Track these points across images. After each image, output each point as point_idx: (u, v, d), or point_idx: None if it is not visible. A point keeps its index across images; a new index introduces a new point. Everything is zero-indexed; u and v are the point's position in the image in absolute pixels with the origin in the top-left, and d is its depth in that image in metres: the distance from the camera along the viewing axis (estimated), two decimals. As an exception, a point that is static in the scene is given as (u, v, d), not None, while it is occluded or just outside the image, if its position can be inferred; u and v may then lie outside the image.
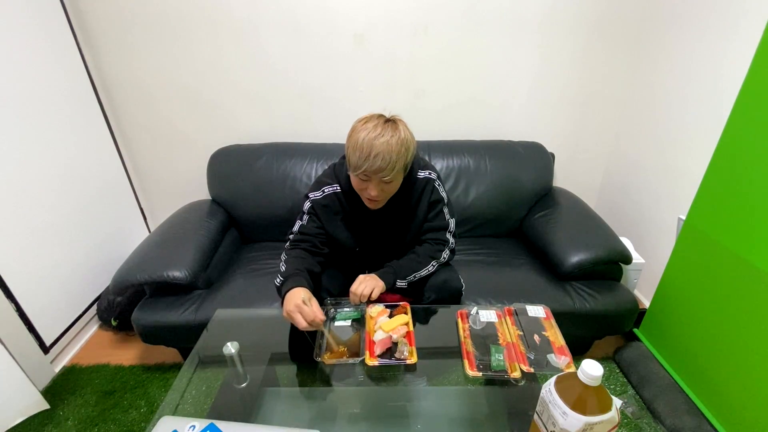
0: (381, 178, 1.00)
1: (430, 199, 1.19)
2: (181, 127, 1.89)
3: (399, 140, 0.98)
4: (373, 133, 0.97)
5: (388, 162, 0.96)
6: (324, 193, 1.16)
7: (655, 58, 1.71)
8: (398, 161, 0.98)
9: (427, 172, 1.18)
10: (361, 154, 0.96)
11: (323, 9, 1.66)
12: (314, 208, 1.17)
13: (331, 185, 1.16)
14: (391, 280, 1.15)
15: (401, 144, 0.99)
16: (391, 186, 1.05)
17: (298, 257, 1.13)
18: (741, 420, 1.17)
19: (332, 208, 1.17)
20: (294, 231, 1.19)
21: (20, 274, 1.39)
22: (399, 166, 0.99)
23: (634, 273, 1.62)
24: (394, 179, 1.02)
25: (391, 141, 0.97)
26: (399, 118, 1.05)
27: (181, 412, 0.92)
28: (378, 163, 0.96)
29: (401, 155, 0.99)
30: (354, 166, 1.00)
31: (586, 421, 0.62)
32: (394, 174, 1.00)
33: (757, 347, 1.11)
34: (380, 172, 0.98)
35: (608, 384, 1.47)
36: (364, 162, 0.96)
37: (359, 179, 1.03)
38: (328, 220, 1.18)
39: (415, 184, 1.17)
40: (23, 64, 1.41)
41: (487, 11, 1.68)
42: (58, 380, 1.53)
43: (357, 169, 0.99)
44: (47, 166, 1.51)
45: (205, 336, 1.13)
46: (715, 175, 1.27)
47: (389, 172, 0.98)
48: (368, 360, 0.96)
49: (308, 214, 1.18)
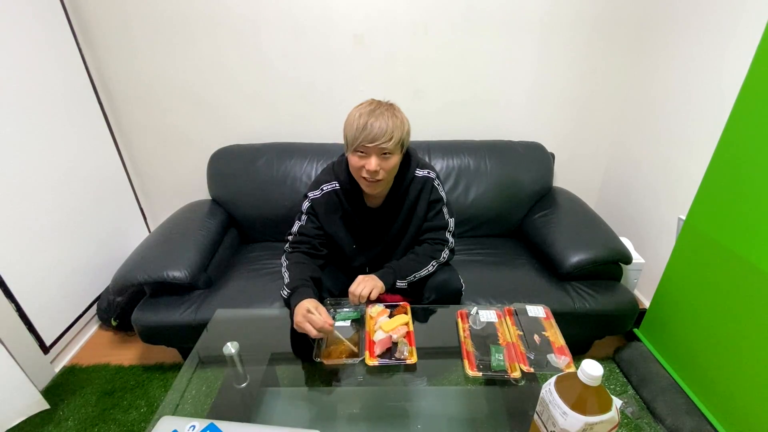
0: (379, 148, 0.99)
1: (430, 198, 1.19)
2: (181, 127, 1.89)
3: (394, 114, 1.01)
4: (368, 108, 1.01)
5: (384, 131, 0.97)
6: (323, 191, 1.16)
7: (655, 58, 1.71)
8: (395, 131, 0.99)
9: (426, 171, 1.18)
10: (358, 125, 0.98)
11: (323, 9, 1.66)
12: (313, 207, 1.17)
13: (330, 183, 1.16)
14: (391, 281, 1.15)
15: (396, 118, 1.01)
16: (389, 162, 1.04)
17: (299, 263, 1.13)
18: (741, 420, 1.17)
19: (331, 206, 1.17)
20: (293, 232, 1.19)
21: (20, 274, 1.39)
22: (396, 136, 1.00)
23: (634, 273, 1.62)
24: (391, 152, 1.02)
25: (386, 113, 1.00)
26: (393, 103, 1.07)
27: (181, 412, 0.92)
28: (375, 131, 0.97)
29: (398, 127, 1.00)
30: (351, 141, 1.01)
31: (586, 421, 0.62)
32: (392, 145, 1.00)
33: (757, 347, 1.11)
34: (378, 140, 0.98)
35: (608, 384, 1.47)
36: (361, 133, 0.98)
37: (357, 157, 1.02)
38: (326, 219, 1.18)
39: (413, 181, 1.17)
40: (23, 64, 1.41)
41: (487, 11, 1.68)
42: (58, 380, 1.53)
43: (354, 142, 0.99)
44: (47, 166, 1.51)
45: (205, 336, 1.13)
46: (715, 175, 1.27)
47: (387, 139, 0.98)
48: (368, 360, 0.96)
49: (307, 215, 1.18)
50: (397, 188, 1.15)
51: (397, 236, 1.22)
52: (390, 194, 1.17)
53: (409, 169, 1.15)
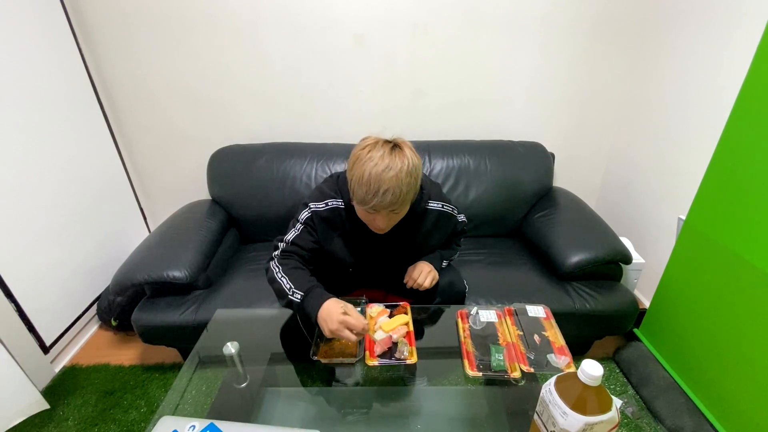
0: (390, 211, 0.96)
1: (449, 231, 1.22)
2: (181, 127, 1.89)
3: (407, 171, 0.91)
4: (380, 165, 0.89)
5: (398, 196, 0.91)
6: (327, 206, 1.09)
7: (655, 58, 1.71)
8: (408, 193, 0.93)
9: (440, 204, 1.14)
10: (369, 190, 0.89)
11: (323, 9, 1.66)
12: (313, 219, 1.09)
13: (335, 199, 1.09)
14: (439, 266, 1.21)
15: (409, 174, 0.92)
16: (398, 217, 1.01)
17: (298, 268, 1.06)
18: (741, 420, 1.17)
19: (333, 223, 1.10)
20: (286, 240, 1.10)
21: (20, 274, 1.39)
22: (409, 197, 0.95)
23: (634, 273, 1.62)
24: (403, 210, 0.99)
25: (400, 174, 0.90)
26: (402, 140, 0.97)
27: (181, 412, 0.92)
28: (388, 199, 0.90)
29: (411, 186, 0.93)
30: (360, 200, 0.93)
31: (586, 421, 0.62)
32: (404, 206, 0.97)
33: (757, 347, 1.11)
34: (389, 207, 0.93)
35: (608, 384, 1.47)
36: (373, 198, 0.90)
37: (365, 212, 0.98)
38: (325, 234, 1.11)
39: (426, 213, 1.12)
40: (23, 64, 1.41)
41: (488, 11, 1.68)
42: (58, 380, 1.53)
43: (364, 204, 0.93)
44: (47, 166, 1.51)
45: (205, 336, 1.13)
46: (715, 175, 1.27)
47: (399, 206, 0.94)
48: (368, 360, 0.96)
49: (305, 225, 1.10)
50: (405, 218, 1.07)
51: (402, 259, 1.19)
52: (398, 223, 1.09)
53: (420, 202, 1.09)
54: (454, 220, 1.22)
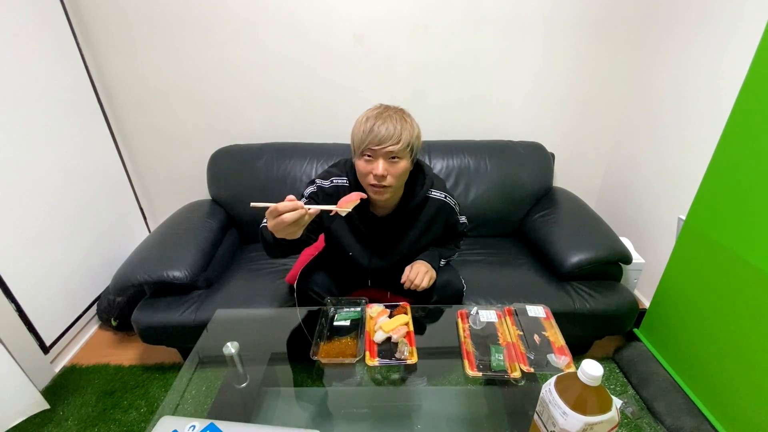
0: (387, 151, 0.96)
1: (448, 222, 1.21)
2: (181, 127, 1.89)
3: (403, 118, 0.99)
4: (375, 111, 0.99)
5: (392, 132, 0.95)
6: (332, 182, 1.13)
7: (655, 58, 1.71)
8: (403, 133, 0.97)
9: (442, 194, 1.17)
10: (365, 128, 0.96)
11: (323, 9, 1.66)
12: (317, 194, 1.12)
13: (340, 177, 1.13)
14: (437, 264, 1.21)
15: (406, 122, 0.99)
16: (397, 167, 1.00)
17: None
18: (741, 420, 1.17)
19: (336, 199, 1.10)
20: None
21: (20, 274, 1.39)
22: (404, 139, 0.97)
23: (634, 273, 1.62)
24: (400, 156, 0.99)
25: (395, 116, 0.98)
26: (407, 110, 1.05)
27: (181, 412, 0.92)
28: (382, 132, 0.95)
29: (406, 129, 0.98)
30: (358, 144, 0.99)
31: (586, 421, 0.62)
32: (400, 148, 0.97)
33: (757, 347, 1.11)
34: (385, 142, 0.95)
35: (608, 384, 1.47)
36: (368, 135, 0.95)
37: (364, 161, 1.00)
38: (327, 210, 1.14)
39: (428, 201, 1.14)
40: (23, 63, 1.41)
41: (488, 11, 1.68)
42: (58, 380, 1.53)
43: (361, 145, 0.97)
44: (47, 166, 1.51)
45: (205, 336, 1.13)
46: (715, 175, 1.27)
47: (395, 142, 0.96)
48: (368, 360, 0.96)
49: (309, 199, 1.13)
50: (407, 201, 1.12)
51: (405, 247, 1.20)
52: (400, 206, 1.13)
53: (423, 186, 1.12)
54: (455, 216, 1.23)
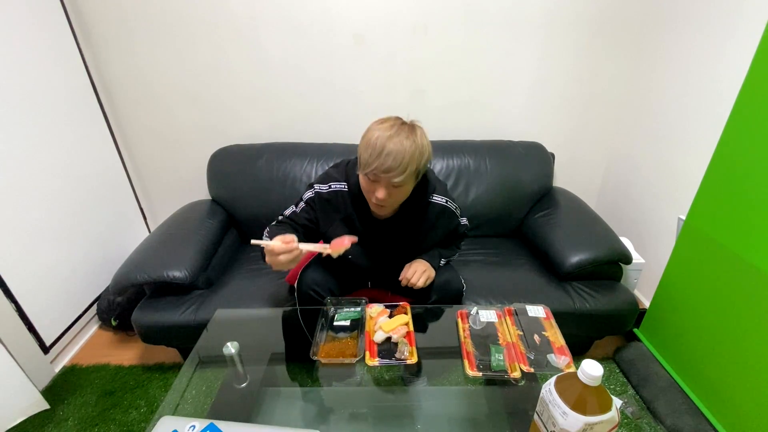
0: (390, 180, 0.95)
1: (450, 226, 1.21)
2: (181, 127, 1.89)
3: (414, 143, 0.95)
4: (388, 132, 0.95)
5: (399, 162, 0.93)
6: (330, 187, 1.12)
7: (655, 58, 1.71)
8: (410, 164, 0.94)
9: (444, 199, 1.16)
10: (373, 152, 0.93)
11: (323, 9, 1.66)
12: (315, 200, 1.13)
13: (339, 182, 1.13)
14: (437, 264, 1.21)
15: (416, 147, 0.95)
16: (400, 191, 1.01)
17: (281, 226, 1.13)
18: (741, 420, 1.17)
19: (334, 205, 1.13)
20: (284, 214, 1.17)
21: (20, 274, 1.39)
22: (411, 169, 0.95)
23: (634, 273, 1.62)
24: (404, 183, 0.98)
25: (406, 143, 0.94)
26: (419, 124, 1.02)
27: (181, 412, 0.92)
28: (389, 162, 0.92)
29: (414, 158, 0.95)
30: (364, 164, 0.96)
31: (586, 421, 0.62)
32: (405, 177, 0.96)
33: (757, 347, 1.11)
34: (390, 172, 0.93)
35: (608, 384, 1.47)
36: (375, 160, 0.93)
37: (368, 180, 0.99)
38: (325, 216, 1.14)
39: (430, 206, 1.14)
40: (23, 63, 1.41)
41: (488, 11, 1.68)
42: (58, 380, 1.53)
43: (366, 167, 0.95)
44: (47, 166, 1.51)
45: (205, 336, 1.13)
46: (715, 175, 1.27)
47: (399, 173, 0.94)
48: (368, 360, 0.96)
49: (306, 204, 1.14)
50: (409, 206, 1.11)
51: (405, 251, 1.20)
52: (401, 210, 1.13)
53: (426, 193, 1.12)
54: (456, 220, 1.23)
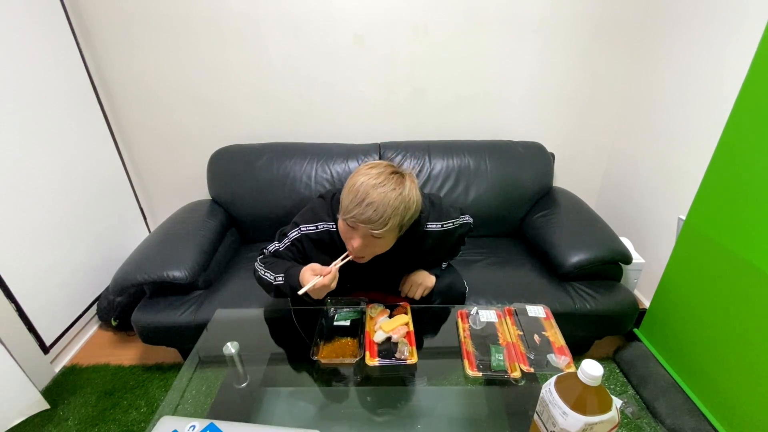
0: (369, 230, 0.88)
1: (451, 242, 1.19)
2: (182, 127, 1.89)
3: (399, 195, 0.88)
4: (374, 180, 0.87)
5: (380, 215, 0.86)
6: (318, 228, 1.07)
7: (655, 58, 1.71)
8: (392, 218, 0.87)
9: (439, 225, 1.09)
10: (354, 198, 0.87)
11: (323, 8, 1.66)
12: (302, 241, 1.08)
13: (326, 222, 1.07)
14: (438, 271, 1.20)
15: (401, 201, 0.88)
16: (378, 243, 0.94)
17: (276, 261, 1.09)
18: (741, 420, 1.17)
19: (323, 244, 1.09)
20: (268, 249, 1.13)
21: (20, 274, 1.39)
22: (392, 223, 0.88)
23: (634, 273, 1.62)
24: (383, 236, 0.91)
25: (391, 195, 0.87)
26: (410, 173, 0.94)
27: (181, 412, 0.92)
28: (368, 213, 0.86)
29: (397, 212, 0.88)
30: (343, 210, 0.90)
31: (586, 421, 0.62)
32: (385, 231, 0.89)
33: (758, 347, 1.11)
34: (369, 224, 0.87)
35: (608, 384, 1.47)
36: (355, 207, 0.87)
37: (346, 225, 0.93)
38: (314, 254, 1.08)
39: (425, 236, 1.08)
40: (23, 63, 1.41)
41: (488, 11, 1.68)
42: (58, 380, 1.53)
43: (345, 214, 0.89)
44: (47, 165, 1.51)
45: (205, 336, 1.13)
46: (715, 175, 1.27)
47: (379, 226, 0.87)
48: (368, 360, 0.96)
49: (292, 244, 1.09)
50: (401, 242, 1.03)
51: (400, 273, 1.18)
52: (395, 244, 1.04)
53: (419, 226, 1.05)
54: (458, 232, 1.17)
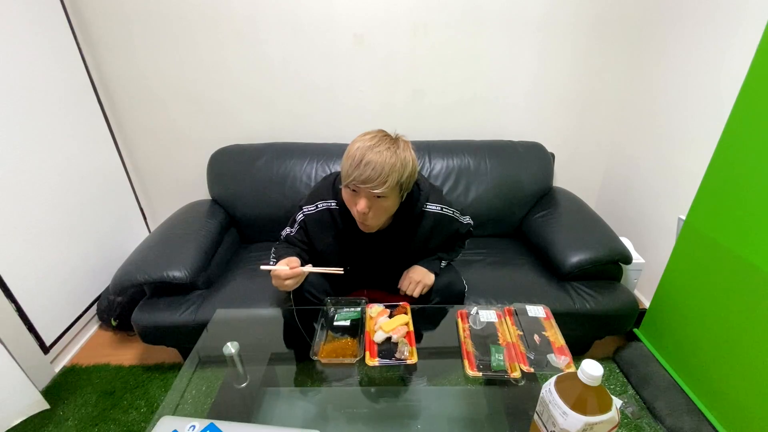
0: (370, 191, 0.93)
1: (449, 232, 1.20)
2: (181, 127, 1.89)
3: (395, 154, 0.94)
4: (369, 143, 0.94)
5: (378, 173, 0.91)
6: (318, 208, 1.13)
7: (655, 58, 1.71)
8: (390, 175, 0.92)
9: (438, 207, 1.14)
10: (353, 162, 0.93)
11: (323, 9, 1.66)
12: (306, 222, 1.15)
13: (326, 200, 1.13)
14: (437, 269, 1.21)
15: (397, 158, 0.94)
16: (382, 205, 0.98)
17: (288, 248, 1.17)
18: (741, 420, 1.17)
19: (324, 224, 1.13)
20: (282, 235, 1.22)
21: (20, 274, 1.39)
22: (391, 180, 0.93)
23: (634, 273, 1.62)
24: (385, 195, 0.96)
25: (386, 153, 0.92)
26: (404, 138, 1.00)
27: (181, 412, 0.92)
28: (368, 173, 0.91)
29: (395, 170, 0.93)
30: (344, 175, 0.95)
31: (586, 421, 0.62)
32: (385, 189, 0.93)
33: (757, 347, 1.11)
34: (369, 183, 0.92)
35: (608, 384, 1.47)
36: (354, 170, 0.92)
37: (349, 192, 0.98)
38: (317, 236, 1.15)
39: (423, 216, 1.12)
40: (23, 63, 1.41)
41: (488, 11, 1.68)
42: (58, 380, 1.53)
43: (347, 178, 0.95)
44: (47, 166, 1.51)
45: (205, 336, 1.13)
46: (715, 175, 1.27)
47: (379, 185, 0.92)
48: (368, 360, 0.96)
49: (299, 226, 1.17)
50: (402, 218, 1.09)
51: (402, 261, 1.19)
52: (393, 223, 1.12)
53: (418, 203, 1.10)
54: (456, 224, 1.21)
